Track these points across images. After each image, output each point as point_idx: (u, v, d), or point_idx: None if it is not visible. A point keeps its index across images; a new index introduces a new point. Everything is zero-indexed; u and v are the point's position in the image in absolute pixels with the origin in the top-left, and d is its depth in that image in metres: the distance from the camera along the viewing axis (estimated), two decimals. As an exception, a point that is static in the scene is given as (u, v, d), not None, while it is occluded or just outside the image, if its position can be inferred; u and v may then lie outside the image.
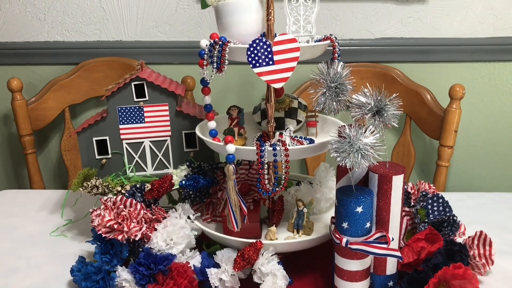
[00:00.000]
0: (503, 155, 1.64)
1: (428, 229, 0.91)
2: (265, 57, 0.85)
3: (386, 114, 0.81)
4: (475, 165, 1.66)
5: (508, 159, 1.64)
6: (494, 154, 1.65)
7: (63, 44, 1.64)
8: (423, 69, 1.58)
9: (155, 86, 1.09)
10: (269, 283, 0.87)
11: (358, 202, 0.80)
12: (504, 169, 1.65)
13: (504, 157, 1.64)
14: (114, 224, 0.91)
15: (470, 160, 1.65)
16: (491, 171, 1.66)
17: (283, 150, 0.88)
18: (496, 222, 1.17)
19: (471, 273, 0.84)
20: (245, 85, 1.64)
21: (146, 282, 0.88)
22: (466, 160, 1.65)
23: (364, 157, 0.77)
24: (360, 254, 0.82)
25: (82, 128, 1.09)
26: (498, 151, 1.64)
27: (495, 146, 1.64)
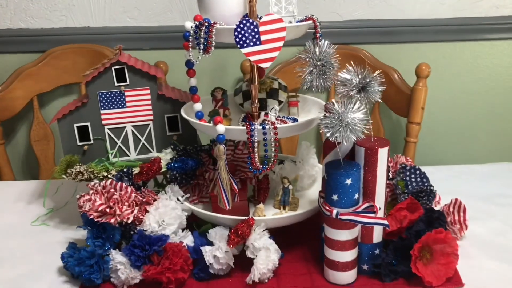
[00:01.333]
0: (465, 130, 1.73)
1: (409, 199, 0.97)
2: (252, 37, 0.87)
3: (371, 90, 0.85)
4: (440, 140, 1.74)
5: (470, 134, 1.74)
6: (457, 129, 1.73)
7: (27, 31, 1.59)
8: (389, 50, 1.64)
9: (136, 70, 1.08)
10: (263, 257, 0.89)
11: (347, 174, 0.84)
12: (466, 143, 1.75)
13: (466, 132, 1.74)
14: (105, 208, 0.91)
15: (435, 136, 1.74)
16: (455, 145, 1.75)
17: (272, 129, 0.91)
18: (465, 191, 1.24)
19: (451, 237, 0.90)
20: (218, 70, 1.65)
21: (142, 264, 0.89)
22: (431, 135, 1.73)
23: (352, 131, 0.81)
24: (349, 224, 0.87)
25: (62, 114, 1.08)
26: (460, 126, 1.73)
27: (457, 121, 1.73)
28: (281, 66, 1.56)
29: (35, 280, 0.95)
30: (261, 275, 0.89)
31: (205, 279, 0.92)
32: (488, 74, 1.68)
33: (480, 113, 1.72)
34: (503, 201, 1.20)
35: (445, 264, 0.90)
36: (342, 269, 0.89)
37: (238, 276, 0.93)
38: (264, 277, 0.90)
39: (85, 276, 0.89)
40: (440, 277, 0.89)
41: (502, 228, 1.08)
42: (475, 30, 1.62)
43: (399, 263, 0.91)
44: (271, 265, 0.90)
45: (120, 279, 0.90)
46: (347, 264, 0.89)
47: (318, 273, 0.93)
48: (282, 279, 0.92)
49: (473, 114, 1.72)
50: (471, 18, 1.61)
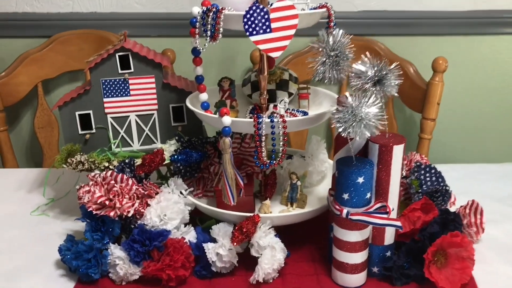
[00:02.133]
0: (481, 128, 1.67)
1: (424, 199, 0.92)
2: (262, 24, 0.82)
3: (387, 83, 0.80)
4: (454, 137, 1.69)
5: (486, 132, 1.68)
6: (472, 127, 1.68)
7: (33, 15, 1.56)
8: (405, 42, 1.58)
9: (141, 57, 1.04)
10: (268, 256, 0.85)
11: (360, 172, 0.79)
12: (481, 141, 1.69)
13: (481, 130, 1.68)
14: (105, 200, 0.87)
15: (450, 133, 1.68)
16: (470, 143, 1.69)
17: (281, 122, 0.86)
18: (481, 192, 1.19)
19: (468, 241, 0.85)
20: (226, 60, 1.60)
21: (141, 259, 0.86)
22: (445, 132, 1.67)
23: (366, 127, 0.76)
24: (360, 225, 0.82)
25: (63, 101, 1.04)
26: (476, 124, 1.67)
27: (473, 119, 1.67)
28: (292, 57, 1.51)
29: (31, 272, 0.91)
30: (265, 275, 0.85)
31: (207, 277, 0.88)
32: (507, 69, 1.61)
33: (497, 111, 1.66)
34: (521, 203, 1.14)
35: (460, 269, 0.86)
36: (351, 272, 0.85)
37: (242, 275, 0.89)
38: (269, 277, 0.86)
39: (82, 270, 0.86)
40: (455, 283, 0.85)
41: (520, 231, 1.03)
42: (495, 24, 1.56)
43: (411, 267, 0.87)
44: (277, 264, 0.86)
45: (118, 274, 0.86)
46: (356, 266, 0.85)
47: (326, 275, 0.89)
48: (287, 279, 0.88)
49: (489, 112, 1.66)
50: (491, 11, 1.55)
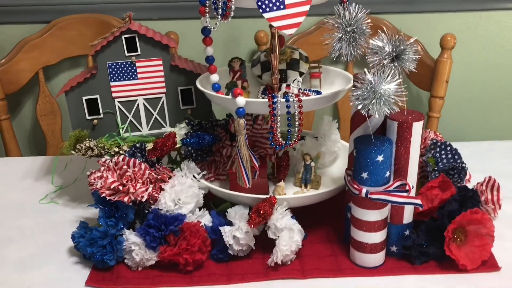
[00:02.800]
0: (489, 105, 1.66)
1: (441, 176, 0.91)
2: (276, 0, 0.79)
3: (405, 58, 0.78)
4: (462, 115, 1.67)
5: (494, 108, 1.66)
6: (481, 104, 1.66)
7: (32, 1, 1.52)
8: (411, 20, 1.55)
9: (148, 39, 1.01)
10: (286, 238, 0.84)
11: (379, 151, 0.78)
12: (490, 118, 1.68)
13: (490, 107, 1.66)
14: (118, 185, 0.85)
15: (458, 110, 1.66)
16: (478, 120, 1.68)
17: (297, 102, 0.85)
18: (493, 169, 1.17)
19: (487, 217, 0.84)
20: (231, 41, 1.58)
21: (157, 244, 0.84)
22: (453, 110, 1.66)
23: (386, 103, 0.74)
24: (379, 204, 0.81)
25: (70, 86, 1.02)
26: (485, 101, 1.66)
27: (481, 96, 1.65)
28: (297, 37, 1.49)
29: (45, 261, 0.90)
30: (284, 257, 0.84)
31: (224, 261, 0.87)
32: (516, 46, 1.59)
33: (506, 87, 1.64)
34: (533, 179, 1.13)
35: (480, 246, 0.85)
36: (370, 251, 0.84)
37: (259, 257, 0.88)
38: (287, 259, 0.85)
39: (97, 257, 0.84)
40: (475, 260, 0.84)
41: (537, 207, 1.02)
42: (502, -1, 1.54)
43: (430, 245, 0.86)
44: (294, 246, 0.85)
45: (134, 260, 0.85)
46: (375, 246, 0.83)
47: (344, 255, 0.88)
48: (305, 261, 0.87)
49: (498, 88, 1.64)
50: (499, -14, 1.53)
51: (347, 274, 0.84)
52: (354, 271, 0.85)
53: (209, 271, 0.85)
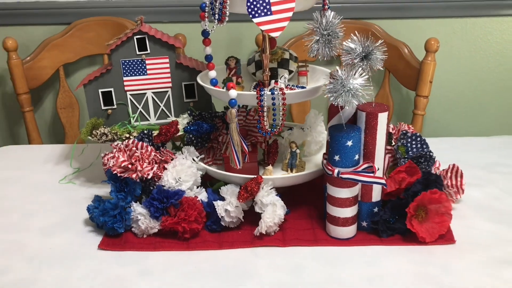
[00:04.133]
0: (473, 104, 1.78)
1: (408, 163, 1.03)
2: (263, 7, 0.93)
3: (373, 58, 0.91)
4: (450, 113, 1.79)
5: (477, 107, 1.78)
6: (465, 103, 1.78)
7: (54, 4, 1.68)
8: (400, 25, 1.68)
9: (156, 40, 1.16)
10: (270, 211, 0.98)
11: (348, 136, 0.91)
12: (476, 117, 1.80)
13: (475, 106, 1.78)
14: (128, 164, 1.00)
15: (444, 109, 1.79)
16: (465, 119, 1.80)
17: (281, 94, 0.98)
18: (466, 161, 1.30)
19: (445, 197, 0.97)
20: (233, 43, 1.72)
21: (160, 215, 0.98)
22: (440, 109, 1.78)
23: (354, 96, 0.88)
24: (349, 183, 0.94)
25: (88, 80, 1.17)
26: (469, 100, 1.78)
27: (467, 96, 1.77)
28: (294, 40, 1.63)
29: (64, 229, 1.04)
30: (267, 228, 0.98)
31: (217, 231, 1.01)
32: (498, 50, 1.71)
33: (489, 88, 1.76)
34: (502, 170, 1.25)
35: (439, 222, 0.97)
36: (342, 225, 0.97)
37: (247, 229, 1.01)
38: (271, 230, 0.99)
39: (109, 225, 0.98)
40: (434, 234, 0.96)
41: (499, 193, 1.14)
42: (486, 6, 1.66)
43: (396, 221, 0.99)
44: (277, 219, 0.98)
45: (140, 228, 0.99)
46: (347, 219, 0.97)
47: (321, 229, 1.01)
48: (287, 233, 1.00)
49: (482, 89, 1.76)
50: (483, -6, 1.65)
51: (322, 244, 0.97)
52: (328, 241, 0.98)
53: (203, 239, 0.99)
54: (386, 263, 0.92)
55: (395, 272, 0.89)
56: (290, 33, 1.64)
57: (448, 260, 0.91)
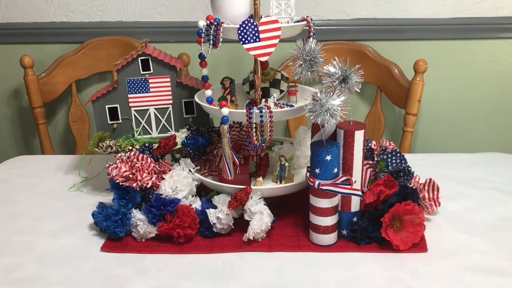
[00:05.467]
0: (461, 122, 1.86)
1: (386, 176, 1.12)
2: (253, 35, 1.03)
3: (351, 81, 1.01)
4: (438, 130, 1.88)
5: (465, 125, 1.86)
6: (454, 121, 1.86)
7: (68, 24, 1.80)
8: (392, 46, 1.77)
9: (159, 61, 1.27)
10: (257, 219, 1.07)
11: (328, 152, 1.00)
12: (462, 133, 1.87)
13: (461, 123, 1.86)
14: (129, 174, 1.10)
15: (434, 127, 1.87)
16: (454, 136, 1.88)
17: (268, 113, 1.08)
18: (448, 176, 1.38)
19: (418, 209, 1.05)
20: (234, 61, 1.82)
21: (157, 221, 1.08)
22: (430, 126, 1.86)
23: (332, 115, 0.97)
24: (329, 194, 1.03)
25: (96, 97, 1.28)
26: (458, 119, 1.86)
27: (455, 114, 1.85)
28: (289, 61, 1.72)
29: (71, 232, 1.14)
30: (255, 234, 1.07)
31: (209, 237, 1.10)
32: (486, 71, 1.80)
33: (478, 107, 1.84)
34: (480, 184, 1.33)
35: (413, 232, 1.06)
36: (323, 232, 1.06)
37: (237, 235, 1.10)
38: (258, 236, 1.08)
39: (111, 229, 1.08)
40: (407, 243, 1.05)
41: (473, 206, 1.22)
42: (475, 30, 1.75)
43: (374, 230, 1.07)
44: (264, 226, 1.07)
45: (139, 233, 1.09)
46: (327, 228, 1.05)
47: (305, 236, 1.10)
48: (273, 239, 1.09)
49: (471, 108, 1.84)
50: (471, 18, 1.74)
51: (304, 249, 1.06)
52: (310, 248, 1.07)
53: (196, 244, 1.08)
54: (361, 268, 1.00)
55: (369, 276, 0.97)
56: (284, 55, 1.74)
57: (418, 267, 1.00)
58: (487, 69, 1.79)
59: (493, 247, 1.05)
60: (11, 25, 1.80)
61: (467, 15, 1.73)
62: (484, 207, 1.22)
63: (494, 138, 1.87)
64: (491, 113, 1.84)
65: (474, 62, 1.79)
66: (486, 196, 1.27)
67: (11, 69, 1.85)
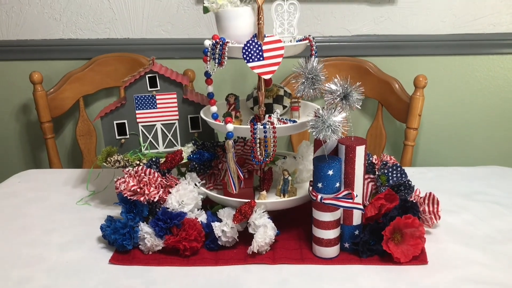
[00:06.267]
0: (461, 136, 1.89)
1: (387, 190, 1.15)
2: (256, 54, 1.07)
3: (352, 98, 1.04)
4: (438, 144, 1.90)
5: (465, 139, 1.89)
6: (454, 135, 1.89)
7: (76, 41, 1.85)
8: (393, 62, 1.81)
9: (165, 78, 1.31)
10: (261, 232, 1.10)
11: (330, 166, 1.03)
12: (462, 147, 1.90)
13: (461, 137, 1.89)
14: (137, 188, 1.13)
15: (434, 141, 1.90)
16: (454, 150, 1.91)
17: (271, 128, 1.11)
18: (449, 189, 1.41)
19: (418, 222, 1.08)
20: (239, 77, 1.87)
21: (164, 234, 1.11)
22: (430, 140, 1.89)
23: (333, 131, 1.01)
24: (331, 208, 1.06)
25: (104, 113, 1.31)
26: (457, 132, 1.89)
27: (455, 128, 1.89)
28: (291, 77, 1.76)
29: (79, 245, 1.17)
30: (259, 247, 1.09)
31: (215, 249, 1.13)
32: (484, 85, 1.83)
33: (477, 121, 1.87)
34: (481, 198, 1.36)
35: (414, 245, 1.08)
36: (326, 245, 1.08)
37: (242, 248, 1.13)
38: (262, 249, 1.10)
39: (119, 242, 1.11)
40: (408, 256, 1.07)
41: (473, 219, 1.25)
42: (473, 46, 1.78)
43: (376, 243, 1.10)
44: (268, 239, 1.10)
45: (146, 245, 1.11)
46: (330, 241, 1.08)
47: (308, 249, 1.13)
48: (277, 252, 1.12)
49: (470, 122, 1.87)
50: (470, 35, 1.78)
51: (307, 262, 1.09)
52: (313, 260, 1.09)
53: (202, 256, 1.11)
54: (363, 280, 1.02)
55: (370, 288, 1.00)
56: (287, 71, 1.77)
57: (418, 279, 1.02)
58: (486, 84, 1.82)
59: (493, 260, 1.08)
60: (21, 42, 1.85)
61: (466, 31, 1.77)
62: (484, 220, 1.24)
63: (493, 152, 1.90)
64: (491, 126, 1.87)
65: (473, 77, 1.82)
66: (486, 209, 1.30)
67: (21, 84, 1.89)
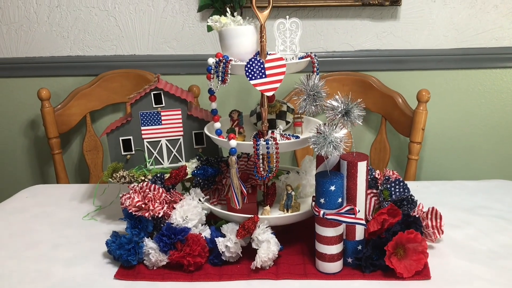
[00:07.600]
0: (465, 149, 1.89)
1: (390, 205, 1.15)
2: (259, 71, 1.09)
3: (353, 114, 1.05)
4: (442, 158, 1.91)
5: (469, 152, 1.90)
6: (458, 149, 1.90)
7: (84, 58, 1.88)
8: (396, 76, 1.83)
9: (170, 95, 1.33)
10: (265, 248, 1.10)
11: (332, 182, 1.04)
12: (466, 161, 1.90)
13: (465, 151, 1.90)
14: (141, 204, 1.15)
15: (438, 154, 1.90)
16: (456, 163, 1.91)
17: (274, 144, 1.13)
18: (453, 203, 1.41)
19: (421, 237, 1.09)
20: (243, 93, 1.89)
21: (168, 249, 1.12)
22: (434, 154, 1.90)
23: (335, 147, 1.02)
24: (334, 223, 1.07)
25: (110, 129, 1.34)
26: (461, 146, 1.89)
27: (459, 141, 1.89)
28: (294, 93, 1.78)
29: (85, 260, 1.19)
30: (263, 262, 1.10)
31: (218, 265, 1.14)
32: (488, 99, 1.84)
33: (480, 134, 1.88)
34: (484, 212, 1.36)
35: (416, 260, 1.08)
36: (329, 260, 1.09)
37: (245, 263, 1.14)
38: (266, 264, 1.11)
39: (124, 257, 1.13)
40: (411, 271, 1.07)
41: (477, 234, 1.25)
42: (476, 60, 1.80)
43: (379, 258, 1.10)
44: (271, 254, 1.11)
45: (151, 261, 1.13)
46: (333, 256, 1.09)
47: (311, 264, 1.13)
48: (280, 267, 1.13)
49: (474, 135, 1.88)
50: (473, 49, 1.79)
51: (311, 277, 1.09)
52: (316, 275, 1.10)
53: (206, 271, 1.12)
54: (366, 295, 1.03)
55: (373, 304, 1.00)
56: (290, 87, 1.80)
57: (421, 294, 1.02)
58: (489, 97, 1.83)
59: (496, 275, 1.08)
60: (29, 59, 1.88)
61: (468, 45, 1.79)
62: (487, 235, 1.24)
63: (497, 165, 1.90)
64: (494, 139, 1.87)
65: (476, 91, 1.83)
66: (489, 223, 1.30)
67: (29, 101, 1.93)
